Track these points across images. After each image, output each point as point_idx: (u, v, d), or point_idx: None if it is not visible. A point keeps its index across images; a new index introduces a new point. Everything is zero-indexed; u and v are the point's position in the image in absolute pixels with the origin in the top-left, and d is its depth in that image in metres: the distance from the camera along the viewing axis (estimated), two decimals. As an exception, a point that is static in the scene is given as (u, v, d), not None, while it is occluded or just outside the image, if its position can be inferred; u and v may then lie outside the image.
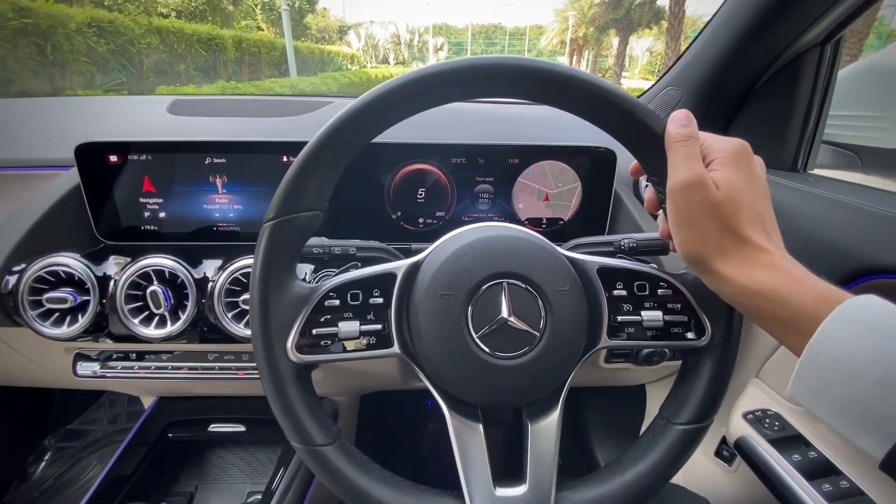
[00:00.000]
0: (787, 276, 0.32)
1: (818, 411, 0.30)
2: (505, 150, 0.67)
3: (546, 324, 0.39)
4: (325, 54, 19.29)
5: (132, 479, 0.76)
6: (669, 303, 0.42)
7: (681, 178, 0.34)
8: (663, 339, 0.42)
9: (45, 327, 0.61)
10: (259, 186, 0.66)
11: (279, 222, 0.38)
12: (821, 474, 0.60)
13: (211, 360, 0.70)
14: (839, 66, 0.71)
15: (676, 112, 0.37)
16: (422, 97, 0.37)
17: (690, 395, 0.42)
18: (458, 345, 0.39)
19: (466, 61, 0.37)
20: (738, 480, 0.77)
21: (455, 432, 0.41)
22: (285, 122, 0.81)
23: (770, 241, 0.34)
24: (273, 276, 0.39)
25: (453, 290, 0.39)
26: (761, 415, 0.68)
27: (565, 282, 0.40)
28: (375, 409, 1.14)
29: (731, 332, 0.41)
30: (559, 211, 0.71)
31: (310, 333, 0.39)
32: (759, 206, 0.34)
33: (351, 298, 0.40)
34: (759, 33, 0.64)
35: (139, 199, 0.66)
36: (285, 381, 0.39)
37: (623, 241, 0.50)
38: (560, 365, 0.41)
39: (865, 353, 0.27)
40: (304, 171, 0.38)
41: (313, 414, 0.40)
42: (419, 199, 0.69)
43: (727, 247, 0.33)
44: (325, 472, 0.40)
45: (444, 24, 37.71)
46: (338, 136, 0.37)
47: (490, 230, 0.42)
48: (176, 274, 0.62)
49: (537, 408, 0.42)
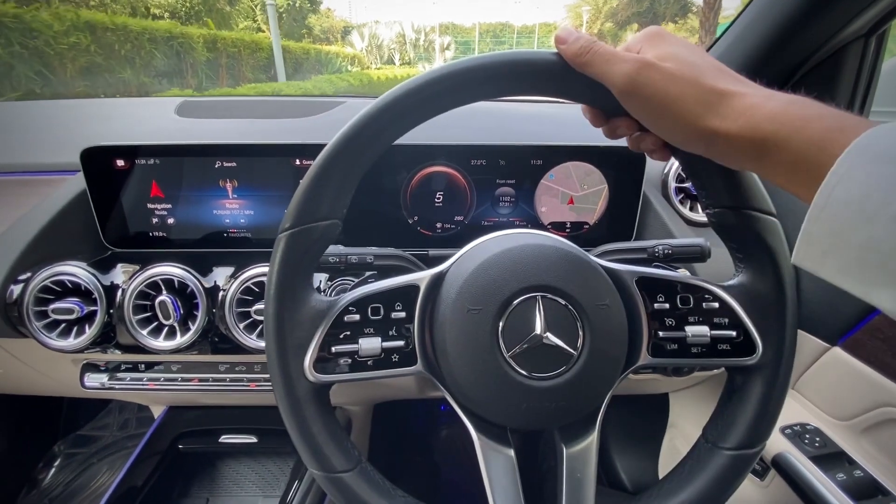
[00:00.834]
0: (789, 112, 0.27)
1: (827, 272, 0.26)
2: (527, 151, 0.64)
3: (584, 341, 0.36)
4: (323, 55, 17.66)
5: (143, 491, 0.74)
6: (716, 317, 0.39)
7: (622, 73, 0.31)
8: (709, 356, 0.39)
9: (52, 339, 0.59)
10: (271, 191, 0.63)
11: (295, 232, 0.36)
12: (867, 495, 0.56)
13: (222, 372, 0.67)
14: (882, 59, 0.67)
15: (558, 33, 0.34)
16: (438, 98, 0.35)
17: (739, 417, 0.39)
18: (488, 364, 0.36)
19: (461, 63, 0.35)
20: (771, 496, 0.73)
21: (484, 456, 0.38)
22: (297, 124, 0.78)
23: (749, 86, 0.30)
24: (289, 289, 0.36)
25: (482, 305, 0.36)
26: (800, 429, 0.64)
27: (604, 295, 0.37)
28: (389, 417, 1.11)
29: (783, 349, 0.38)
30: (584, 214, 0.68)
31: (329, 351, 0.37)
32: (713, 62, 0.32)
33: (372, 313, 0.38)
34: (800, 23, 0.60)
35: (147, 205, 0.63)
36: (303, 402, 0.37)
37: (658, 247, 0.46)
38: (598, 384, 0.38)
39: (883, 188, 0.22)
40: (320, 179, 0.35)
41: (333, 438, 0.38)
42: (437, 203, 0.66)
43: (714, 102, 0.30)
44: (346, 501, 0.37)
45: (450, 24, 37.25)
46: (355, 140, 0.35)
47: (520, 239, 0.39)
48: (185, 283, 0.59)
49: (573, 430, 0.40)
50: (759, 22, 0.63)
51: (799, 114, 0.27)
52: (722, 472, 0.39)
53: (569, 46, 0.33)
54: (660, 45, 0.32)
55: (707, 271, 0.62)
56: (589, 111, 0.38)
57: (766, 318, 0.38)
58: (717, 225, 0.38)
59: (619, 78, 0.32)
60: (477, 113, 0.83)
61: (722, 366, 0.39)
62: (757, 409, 0.39)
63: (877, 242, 0.23)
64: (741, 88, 0.30)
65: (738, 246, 0.39)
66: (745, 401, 0.39)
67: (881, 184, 0.22)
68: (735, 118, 0.29)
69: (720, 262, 0.43)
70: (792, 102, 0.28)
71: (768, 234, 0.36)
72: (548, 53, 0.34)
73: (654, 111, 0.32)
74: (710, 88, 0.30)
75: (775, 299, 0.38)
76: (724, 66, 0.32)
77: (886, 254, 0.23)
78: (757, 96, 0.29)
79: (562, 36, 0.34)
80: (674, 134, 0.33)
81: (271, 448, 0.82)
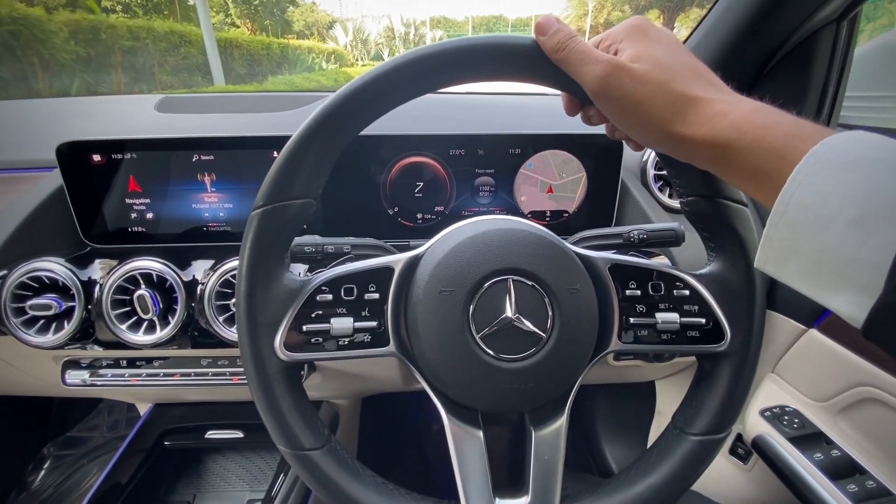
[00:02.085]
0: (751, 120, 0.28)
1: (787, 276, 0.27)
2: (505, 140, 0.64)
3: (554, 324, 0.37)
4: (291, 51, 15.20)
5: (128, 488, 0.73)
6: (686, 304, 0.39)
7: (594, 75, 0.32)
8: (678, 342, 0.39)
9: (30, 335, 0.58)
10: (249, 184, 0.63)
11: (268, 210, 0.36)
12: (845, 474, 0.57)
13: (204, 366, 0.67)
14: (854, 43, 0.67)
15: (539, 22, 0.34)
16: (412, 83, 0.35)
17: (706, 403, 0.40)
18: (458, 345, 0.36)
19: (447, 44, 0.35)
20: (755, 480, 0.74)
21: (453, 438, 0.38)
22: (277, 118, 0.78)
23: (719, 91, 0.31)
24: (261, 267, 0.36)
25: (454, 287, 0.36)
26: (779, 412, 0.65)
27: (575, 279, 0.37)
28: (377, 412, 1.11)
29: (751, 337, 0.39)
30: (563, 203, 0.68)
31: (300, 330, 0.37)
32: (691, 63, 0.32)
33: (345, 293, 0.38)
34: (772, 9, 0.60)
35: (125, 200, 0.63)
36: (273, 380, 0.37)
37: (633, 232, 0.47)
38: (568, 368, 0.38)
39: (839, 194, 0.23)
40: (295, 156, 0.35)
41: (302, 416, 0.38)
42: (417, 193, 0.66)
43: (681, 108, 0.30)
44: (313, 478, 0.38)
45: (441, 17, 36.70)
46: (331, 119, 0.35)
47: (494, 223, 0.39)
48: (164, 277, 0.59)
49: (542, 413, 0.40)
50: (732, 9, 0.63)
51: (760, 122, 0.28)
52: (688, 457, 0.39)
53: (548, 39, 0.34)
54: (638, 42, 0.32)
55: (684, 256, 0.62)
56: (565, 98, 0.39)
57: (735, 306, 0.38)
58: (691, 213, 0.39)
59: (591, 79, 0.32)
60: (456, 105, 0.83)
61: (691, 352, 0.40)
62: (724, 396, 0.39)
63: (833, 247, 0.23)
64: (710, 94, 0.30)
65: (710, 235, 0.39)
66: (713, 387, 0.40)
67: (837, 190, 0.23)
68: (700, 124, 0.30)
69: (697, 248, 0.44)
70: (755, 111, 0.28)
71: (738, 222, 0.37)
72: (528, 39, 0.34)
73: (622, 112, 0.33)
74: (679, 94, 0.31)
75: (744, 288, 0.38)
76: (700, 67, 0.32)
77: (842, 258, 0.23)
78: (724, 102, 0.30)
79: (542, 26, 0.34)
80: (641, 135, 0.33)
81: (257, 443, 0.81)
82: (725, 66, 0.67)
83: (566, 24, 0.34)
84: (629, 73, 0.31)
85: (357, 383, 0.79)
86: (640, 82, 0.31)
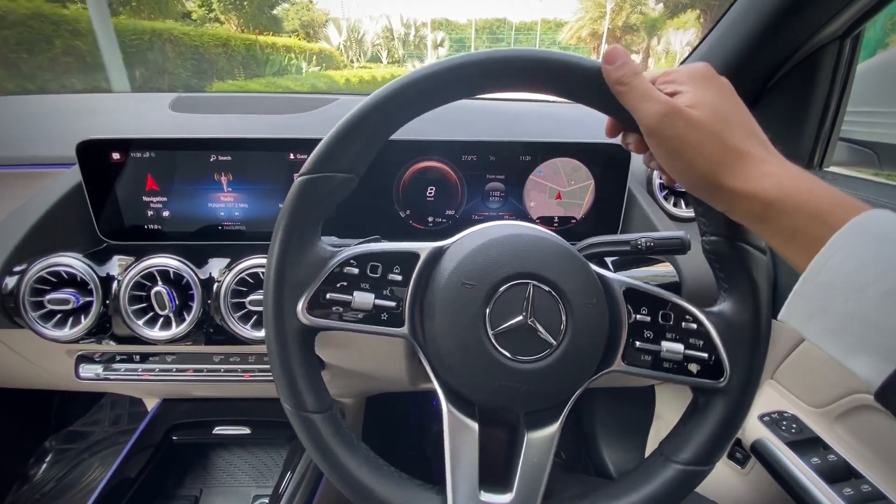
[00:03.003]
0: (797, 185, 0.30)
1: (810, 332, 0.28)
2: (516, 147, 0.66)
3: (565, 334, 0.38)
4: (260, 51, 12.24)
5: (136, 482, 0.74)
6: (692, 337, 0.40)
7: (651, 113, 0.33)
8: (678, 373, 0.40)
9: (47, 329, 0.59)
10: (265, 184, 0.65)
11: (313, 178, 0.37)
12: (841, 478, 0.59)
13: (216, 363, 0.68)
14: (857, 61, 0.69)
15: (606, 52, 0.35)
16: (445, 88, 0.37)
17: (695, 435, 0.41)
18: (470, 337, 0.37)
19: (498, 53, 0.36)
20: (752, 483, 0.76)
21: (449, 426, 0.40)
22: (291, 119, 0.80)
23: (768, 151, 0.32)
24: (297, 231, 0.38)
25: (476, 281, 0.38)
26: (778, 417, 0.67)
27: (592, 295, 0.39)
28: (381, 411, 1.13)
29: (749, 379, 0.40)
30: (571, 209, 0.69)
31: (323, 297, 0.38)
32: (746, 120, 0.33)
33: (370, 270, 0.39)
34: (777, 27, 0.62)
35: (142, 198, 0.64)
36: (289, 340, 0.39)
37: (640, 239, 0.48)
38: (570, 379, 0.39)
39: (877, 266, 0.25)
40: (349, 131, 0.37)
41: (311, 380, 0.40)
42: (429, 197, 0.68)
43: (729, 161, 0.32)
44: (310, 440, 0.39)
45: (444, 20, 36.16)
46: (392, 100, 0.37)
47: (525, 229, 0.41)
48: (181, 274, 0.60)
49: (537, 418, 0.41)
50: (738, 25, 0.65)
51: (806, 188, 0.29)
52: (670, 484, 0.40)
53: (614, 69, 0.35)
54: (699, 88, 0.33)
55: (688, 264, 0.64)
56: (609, 121, 0.41)
57: (739, 347, 0.39)
58: (711, 252, 0.40)
59: (648, 116, 0.33)
60: (468, 110, 0.84)
61: (689, 384, 0.41)
62: (714, 431, 0.40)
63: (862, 313, 0.25)
64: (761, 153, 0.32)
65: (726, 276, 0.41)
66: (705, 421, 0.41)
67: (876, 261, 0.25)
68: (746, 179, 0.31)
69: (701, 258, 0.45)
70: (801, 177, 0.30)
71: (756, 269, 0.38)
72: (596, 65, 0.36)
73: (671, 152, 0.34)
74: (731, 146, 0.32)
75: (750, 331, 0.39)
76: (754, 124, 0.33)
77: (869, 324, 0.25)
78: (773, 164, 0.31)
79: (611, 56, 0.35)
80: (683, 176, 0.34)
81: (265, 439, 0.82)
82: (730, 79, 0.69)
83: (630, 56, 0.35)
84: (685, 118, 0.32)
85: (363, 382, 0.80)
86: (694, 128, 0.32)
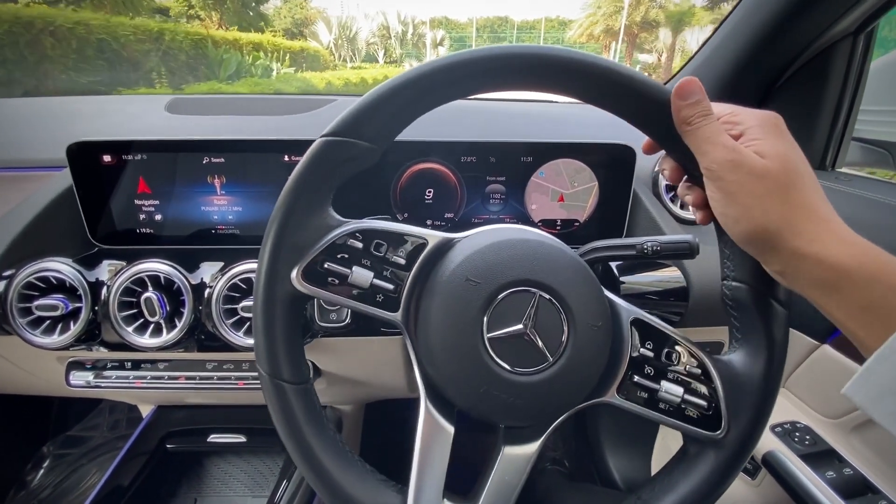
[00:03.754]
0: (870, 253, 0.27)
1: (878, 412, 0.26)
2: (517, 148, 0.64)
3: (564, 352, 0.36)
4: (211, 49, 9.87)
5: (129, 491, 0.73)
6: (694, 382, 0.38)
7: (716, 158, 0.31)
8: (674, 416, 0.38)
9: (35, 336, 0.58)
10: (260, 187, 0.63)
11: (336, 141, 0.35)
12: (857, 493, 0.56)
13: (209, 370, 0.67)
14: (870, 58, 0.67)
15: (681, 84, 0.32)
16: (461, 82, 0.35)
17: (678, 486, 0.38)
18: (464, 336, 0.35)
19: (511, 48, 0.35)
20: (762, 495, 0.73)
21: (424, 424, 0.38)
22: (287, 121, 0.78)
23: (835, 216, 0.30)
24: (307, 192, 0.36)
25: (482, 279, 0.36)
26: (790, 427, 0.64)
27: (599, 318, 0.37)
28: (380, 418, 1.11)
29: (749, 436, 0.37)
30: (574, 212, 0.67)
31: (321, 265, 0.37)
32: (814, 179, 0.31)
33: (374, 248, 0.37)
34: (788, 22, 0.60)
35: (134, 201, 0.63)
36: (277, 303, 0.36)
37: (646, 243, 0.46)
38: (560, 400, 0.37)
39: None
40: (379, 100, 0.35)
41: (291, 349, 0.38)
42: (427, 199, 0.66)
43: (795, 220, 0.29)
44: (279, 409, 0.37)
45: (444, 18, 35.54)
46: (427, 78, 0.35)
47: (541, 237, 0.39)
48: (172, 279, 0.59)
49: (518, 433, 0.39)
50: (748, 20, 0.63)
51: (880, 258, 0.27)
52: None
53: (684, 106, 0.32)
54: (769, 136, 0.31)
55: (696, 270, 0.62)
56: (649, 141, 0.39)
57: (742, 401, 0.37)
58: (730, 298, 0.38)
59: (711, 160, 0.31)
60: (467, 111, 0.83)
61: (683, 431, 0.38)
62: (700, 486, 0.38)
63: None
64: (829, 214, 0.29)
65: (741, 325, 0.38)
66: (691, 473, 0.38)
67: None
68: (811, 240, 0.29)
69: (711, 262, 0.43)
70: (871, 245, 0.28)
71: (775, 323, 0.36)
72: (666, 93, 0.34)
73: (728, 198, 0.31)
74: (799, 203, 0.29)
75: (758, 387, 0.37)
76: (820, 186, 0.31)
77: None
78: (841, 229, 0.29)
79: (684, 90, 0.32)
80: (737, 226, 0.32)
81: (260, 447, 0.81)
82: (737, 79, 0.67)
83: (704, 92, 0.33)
84: (751, 167, 0.30)
85: (361, 389, 0.78)
86: (760, 177, 0.30)
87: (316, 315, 0.59)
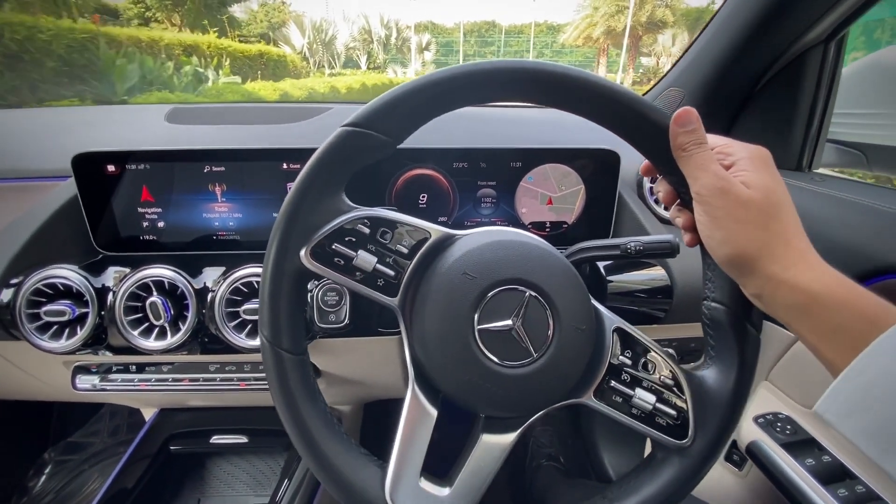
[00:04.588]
0: (840, 282, 0.30)
1: (846, 428, 0.28)
2: (507, 154, 0.67)
3: (547, 351, 0.38)
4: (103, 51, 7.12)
5: (133, 493, 0.74)
6: (667, 393, 0.40)
7: (706, 184, 0.34)
8: (645, 422, 0.40)
9: (43, 341, 0.60)
10: (259, 194, 0.65)
11: (357, 131, 0.37)
12: (836, 479, 0.59)
13: (212, 372, 0.69)
14: (842, 64, 0.70)
15: (679, 113, 0.35)
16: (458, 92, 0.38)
17: (643, 489, 0.40)
18: (456, 326, 0.38)
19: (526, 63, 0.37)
20: (750, 486, 0.76)
21: (409, 406, 0.40)
22: (285, 129, 0.80)
23: (811, 248, 0.33)
24: (323, 176, 0.38)
25: (478, 275, 0.38)
26: (773, 418, 0.67)
27: (584, 322, 0.39)
28: (379, 417, 1.13)
29: (712, 447, 0.39)
30: (563, 214, 0.70)
31: (328, 246, 0.39)
32: (794, 213, 0.34)
33: (380, 235, 0.40)
34: (762, 31, 0.63)
35: (138, 209, 0.65)
36: (285, 277, 0.39)
37: (630, 243, 0.48)
38: (539, 395, 0.40)
39: None
40: (403, 97, 0.37)
41: (294, 322, 0.40)
42: (421, 204, 0.68)
43: (774, 246, 0.32)
44: (276, 376, 0.39)
45: (429, 23, 33.99)
46: (452, 81, 0.37)
47: (538, 242, 0.41)
48: (176, 284, 0.61)
49: (497, 423, 0.41)
50: (724, 31, 0.66)
51: (848, 286, 0.30)
52: None
53: (681, 133, 0.35)
54: (757, 169, 0.34)
55: (678, 267, 0.64)
56: (647, 164, 0.41)
57: (709, 414, 0.39)
58: (708, 317, 0.40)
59: (700, 185, 0.34)
60: (460, 118, 0.85)
61: (652, 437, 0.40)
62: (663, 489, 0.40)
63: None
64: (804, 245, 0.32)
65: (717, 344, 0.40)
66: (656, 478, 0.40)
67: None
68: (786, 267, 0.31)
69: (691, 259, 0.45)
70: (841, 276, 0.31)
71: (748, 345, 0.39)
72: (667, 118, 0.36)
73: (714, 222, 0.34)
74: (777, 232, 0.32)
75: (725, 404, 0.39)
76: (799, 221, 0.33)
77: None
78: (815, 259, 0.31)
79: (682, 118, 0.35)
80: (721, 249, 0.34)
81: (262, 448, 0.82)
82: (716, 86, 0.70)
83: (700, 122, 0.35)
84: (738, 195, 0.33)
85: (360, 389, 0.80)
86: (743, 206, 0.32)
87: (315, 316, 0.61)
